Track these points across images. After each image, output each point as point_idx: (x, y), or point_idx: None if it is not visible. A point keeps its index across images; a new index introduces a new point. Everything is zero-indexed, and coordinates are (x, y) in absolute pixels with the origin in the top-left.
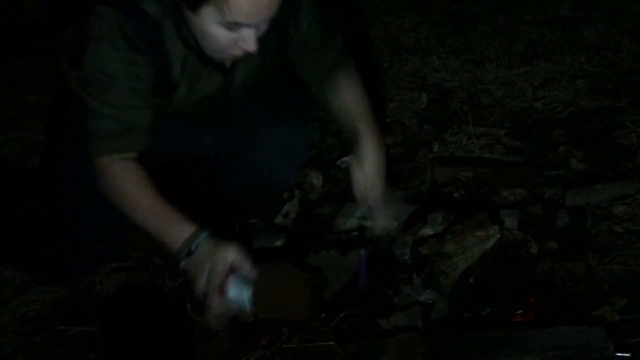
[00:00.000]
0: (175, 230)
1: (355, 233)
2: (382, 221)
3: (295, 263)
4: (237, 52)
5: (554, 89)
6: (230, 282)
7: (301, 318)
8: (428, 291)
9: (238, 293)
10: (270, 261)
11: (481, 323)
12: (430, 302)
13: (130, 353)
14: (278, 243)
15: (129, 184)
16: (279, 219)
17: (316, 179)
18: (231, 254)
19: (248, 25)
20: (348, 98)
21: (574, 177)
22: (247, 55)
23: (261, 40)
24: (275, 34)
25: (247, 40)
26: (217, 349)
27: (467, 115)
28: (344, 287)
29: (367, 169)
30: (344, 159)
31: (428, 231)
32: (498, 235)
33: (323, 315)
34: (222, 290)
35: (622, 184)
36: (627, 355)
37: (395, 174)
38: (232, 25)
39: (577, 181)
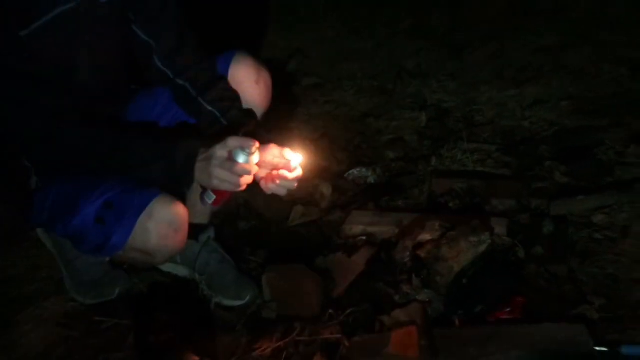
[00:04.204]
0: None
1: (361, 238)
2: None
3: (307, 265)
4: None
5: (540, 109)
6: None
7: (312, 313)
8: (426, 290)
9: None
10: (284, 263)
11: (473, 320)
12: (427, 300)
13: (158, 344)
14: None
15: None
16: (295, 218)
17: (326, 189)
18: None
19: None
20: None
21: (558, 189)
22: None
23: None
24: None
25: None
26: (237, 341)
27: (462, 133)
28: (350, 286)
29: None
30: (351, 171)
31: (426, 237)
32: (489, 241)
33: (331, 311)
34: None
35: (601, 196)
36: (605, 349)
37: (397, 185)
38: None
39: (561, 193)
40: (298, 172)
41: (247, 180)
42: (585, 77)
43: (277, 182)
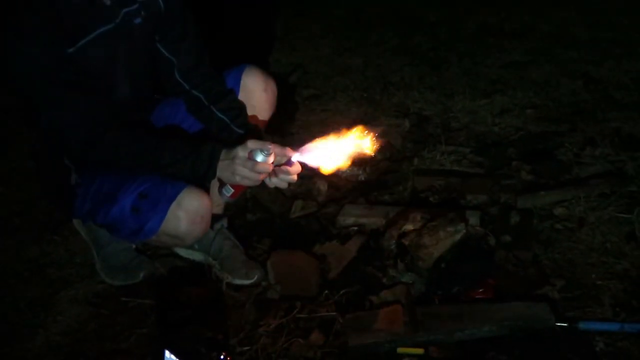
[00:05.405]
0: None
1: (353, 228)
2: None
3: (306, 252)
4: None
5: (508, 117)
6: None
7: (310, 294)
8: (409, 274)
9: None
10: (287, 250)
11: (451, 299)
12: (411, 282)
13: (177, 321)
14: None
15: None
16: (295, 211)
17: (322, 185)
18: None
19: None
20: None
21: (523, 185)
22: None
23: None
24: None
25: None
26: (245, 317)
27: (440, 137)
28: (343, 270)
29: None
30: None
31: (409, 227)
32: (464, 231)
33: (327, 291)
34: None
35: (561, 191)
36: (565, 325)
37: (384, 182)
38: None
39: (526, 189)
40: (297, 167)
41: (264, 176)
42: (546, 89)
43: (280, 176)
